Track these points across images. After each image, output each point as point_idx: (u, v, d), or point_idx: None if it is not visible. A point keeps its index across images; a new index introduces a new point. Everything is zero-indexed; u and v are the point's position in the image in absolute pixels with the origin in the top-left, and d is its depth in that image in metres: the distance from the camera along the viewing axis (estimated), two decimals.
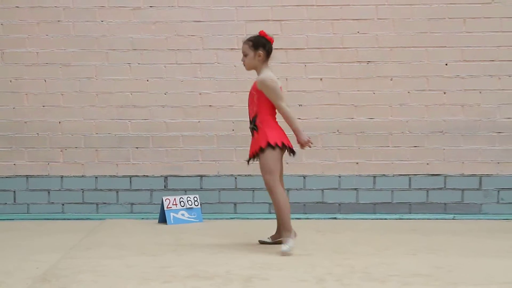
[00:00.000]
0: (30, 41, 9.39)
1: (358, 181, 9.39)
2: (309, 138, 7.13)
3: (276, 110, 7.16)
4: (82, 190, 9.43)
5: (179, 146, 9.45)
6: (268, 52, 7.23)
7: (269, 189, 7.16)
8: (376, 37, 9.34)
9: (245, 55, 7.26)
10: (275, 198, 7.15)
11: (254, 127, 7.19)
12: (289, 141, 7.18)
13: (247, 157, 7.42)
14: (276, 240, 7.48)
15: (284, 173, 9.41)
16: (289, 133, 7.09)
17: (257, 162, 7.17)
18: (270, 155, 7.07)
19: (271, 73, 7.18)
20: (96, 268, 6.64)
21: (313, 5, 9.34)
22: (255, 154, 7.18)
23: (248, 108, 7.30)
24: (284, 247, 6.95)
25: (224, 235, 6.76)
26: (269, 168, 7.08)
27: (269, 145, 7.07)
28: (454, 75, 9.31)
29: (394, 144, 9.35)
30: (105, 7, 9.39)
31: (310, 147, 7.18)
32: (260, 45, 7.20)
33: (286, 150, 7.19)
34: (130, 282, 6.16)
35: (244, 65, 7.33)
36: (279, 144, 7.08)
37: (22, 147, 9.40)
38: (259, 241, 7.55)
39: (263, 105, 7.13)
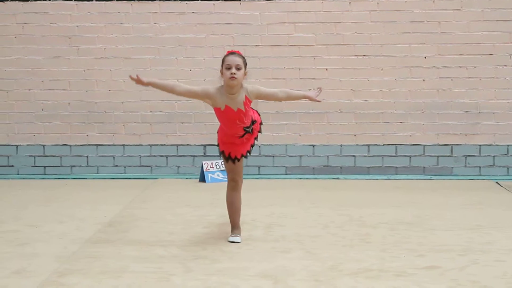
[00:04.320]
0: (99, 39, 9.36)
1: (356, 149, 9.33)
2: None
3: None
4: (139, 156, 9.43)
5: (215, 121, 9.33)
6: None
7: (240, 189, 5.83)
8: (370, 36, 9.24)
9: (239, 68, 5.39)
10: (240, 198, 5.84)
11: (249, 130, 5.66)
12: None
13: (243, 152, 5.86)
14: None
15: (297, 143, 9.45)
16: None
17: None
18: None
19: None
20: (150, 216, 6.67)
21: (320, 11, 9.24)
22: (250, 149, 5.80)
23: (239, 121, 5.55)
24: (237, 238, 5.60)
25: (251, 191, 6.74)
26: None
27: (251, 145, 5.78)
28: (431, 66, 9.21)
29: (384, 120, 9.28)
30: (158, 13, 9.33)
31: None
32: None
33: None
34: (177, 227, 6.18)
35: (235, 79, 5.35)
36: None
37: (93, 122, 9.40)
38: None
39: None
